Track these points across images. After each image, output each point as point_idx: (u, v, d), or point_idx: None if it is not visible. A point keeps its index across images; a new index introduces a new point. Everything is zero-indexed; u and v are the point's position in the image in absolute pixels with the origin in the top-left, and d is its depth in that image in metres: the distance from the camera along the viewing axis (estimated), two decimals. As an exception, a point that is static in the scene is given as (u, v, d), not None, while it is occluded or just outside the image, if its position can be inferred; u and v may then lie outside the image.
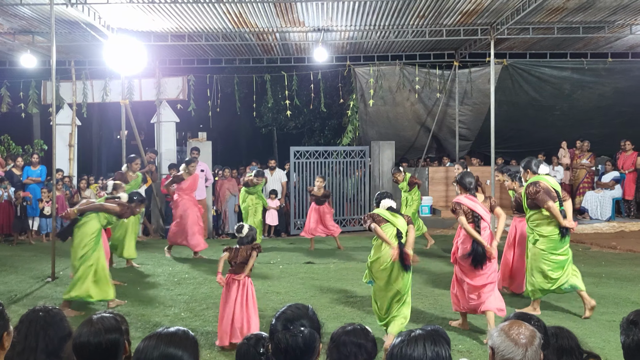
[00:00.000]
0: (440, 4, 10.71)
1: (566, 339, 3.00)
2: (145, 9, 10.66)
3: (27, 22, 11.46)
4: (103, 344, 2.47)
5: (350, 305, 7.28)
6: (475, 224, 6.14)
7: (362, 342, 2.64)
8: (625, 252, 10.69)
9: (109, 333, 2.49)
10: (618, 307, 7.02)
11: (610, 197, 13.68)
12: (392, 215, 5.91)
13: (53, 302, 7.35)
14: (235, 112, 16.33)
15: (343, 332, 2.69)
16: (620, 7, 10.86)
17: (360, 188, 14.46)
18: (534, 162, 7.01)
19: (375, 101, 15.22)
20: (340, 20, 11.79)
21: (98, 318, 2.56)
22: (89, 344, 2.46)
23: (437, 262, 9.94)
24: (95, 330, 2.48)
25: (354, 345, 2.62)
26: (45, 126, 17.84)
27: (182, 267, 9.76)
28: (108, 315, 2.60)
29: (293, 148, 14.13)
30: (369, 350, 2.65)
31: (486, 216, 6.21)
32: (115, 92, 14.56)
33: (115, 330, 2.51)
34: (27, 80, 14.88)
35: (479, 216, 6.16)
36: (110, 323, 2.53)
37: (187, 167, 10.73)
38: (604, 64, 14.88)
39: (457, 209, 6.23)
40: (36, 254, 10.88)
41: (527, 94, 15.61)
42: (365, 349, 2.63)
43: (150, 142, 15.81)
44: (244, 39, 13.03)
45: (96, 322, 2.53)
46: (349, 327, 2.72)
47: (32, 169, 13.06)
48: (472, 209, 6.17)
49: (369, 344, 2.66)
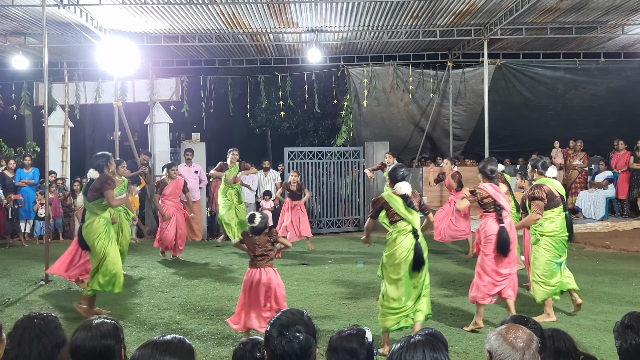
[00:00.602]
0: (433, 5, 10.71)
1: (563, 341, 3.00)
2: (137, 10, 10.61)
3: (18, 23, 11.40)
4: (97, 348, 2.46)
5: (346, 307, 7.26)
6: (498, 214, 6.17)
7: (356, 348, 2.63)
8: (618, 252, 10.73)
9: (105, 339, 2.48)
10: (613, 307, 7.04)
11: (603, 197, 13.74)
12: (407, 211, 5.66)
13: (47, 307, 7.32)
14: (229, 113, 16.31)
15: (339, 337, 2.68)
16: (612, 7, 10.91)
17: (354, 188, 14.46)
18: (541, 163, 6.87)
19: (369, 101, 15.22)
20: (333, 21, 11.78)
21: (98, 323, 2.55)
22: (83, 347, 2.46)
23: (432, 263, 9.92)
24: (92, 335, 2.48)
25: (348, 351, 2.61)
26: (37, 128, 17.76)
27: (177, 270, 9.72)
28: (108, 321, 2.58)
29: (287, 149, 14.11)
30: (364, 356, 2.63)
31: (507, 206, 6.25)
32: (108, 93, 14.50)
33: (112, 336, 2.50)
34: (19, 81, 14.80)
35: (501, 206, 6.18)
36: (107, 329, 2.51)
37: (167, 171, 10.57)
38: (597, 64, 14.95)
39: (478, 193, 6.25)
40: (29, 257, 10.81)
41: (521, 94, 15.66)
42: (359, 354, 2.62)
43: (144, 144, 15.77)
44: (237, 40, 13.00)
45: (95, 326, 2.52)
46: (345, 332, 2.70)
47: (24, 171, 12.97)
48: (494, 198, 6.19)
49: (363, 349, 2.64)
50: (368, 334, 2.71)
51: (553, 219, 6.65)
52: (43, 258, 9.02)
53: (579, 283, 8.18)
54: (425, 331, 2.53)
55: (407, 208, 5.68)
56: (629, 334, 2.69)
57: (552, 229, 6.65)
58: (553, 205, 6.67)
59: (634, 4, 10.72)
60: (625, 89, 15.29)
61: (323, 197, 14.29)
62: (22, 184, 12.78)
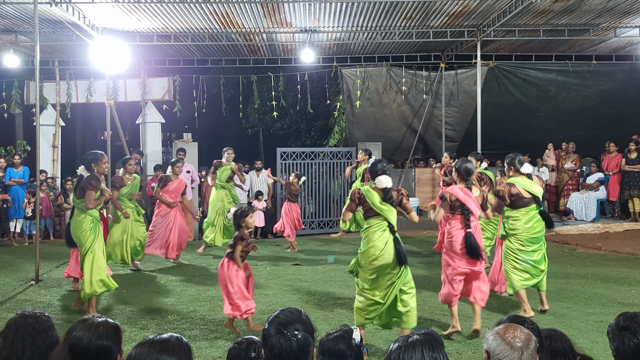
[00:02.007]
0: (427, 6, 10.73)
1: (560, 342, 3.00)
2: (130, 9, 10.56)
3: (9, 21, 11.31)
4: (93, 347, 2.43)
5: (339, 307, 7.25)
6: (465, 218, 6.01)
7: (344, 349, 2.60)
8: (610, 253, 10.77)
9: (102, 339, 2.44)
10: (605, 308, 7.06)
11: (594, 199, 13.81)
12: (382, 205, 5.53)
13: (38, 306, 7.25)
14: (221, 113, 16.25)
15: (327, 340, 2.67)
16: (605, 10, 10.97)
17: (346, 189, 14.44)
18: (518, 160, 6.89)
19: (362, 102, 15.23)
20: (327, 21, 11.77)
21: (100, 322, 2.52)
22: (80, 344, 2.43)
23: (423, 264, 9.94)
24: (90, 334, 2.45)
25: (335, 354, 2.60)
26: (28, 127, 17.61)
27: (168, 270, 9.67)
28: (109, 321, 2.55)
29: (279, 149, 14.09)
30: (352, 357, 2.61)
31: (476, 212, 6.07)
32: (100, 92, 14.42)
33: (111, 338, 2.46)
34: (9, 80, 14.69)
35: (469, 211, 6.02)
36: (107, 329, 2.48)
37: (172, 168, 10.32)
38: (589, 66, 15.03)
39: (446, 198, 6.07)
40: (19, 256, 10.72)
41: (513, 95, 15.71)
42: (347, 356, 2.60)
43: (135, 143, 15.69)
44: (230, 40, 12.97)
45: (96, 325, 2.49)
46: (334, 334, 2.68)
47: (14, 170, 12.86)
48: (463, 202, 6.01)
49: (351, 351, 2.62)
50: (356, 334, 2.67)
51: (519, 218, 6.72)
52: (33, 258, 8.94)
53: (571, 284, 8.26)
54: (422, 331, 2.51)
55: (382, 202, 5.55)
56: (626, 335, 2.68)
57: (516, 227, 6.72)
58: (520, 206, 6.72)
59: (625, 6, 10.79)
60: (616, 91, 15.37)
61: (315, 197, 14.27)
62: (12, 183, 12.67)
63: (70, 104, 14.69)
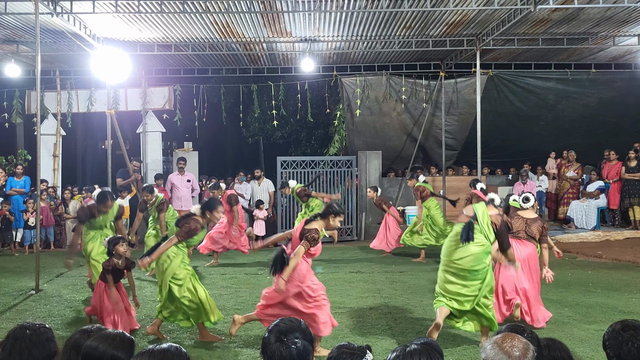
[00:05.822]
0: (426, 15, 10.77)
1: (558, 351, 2.99)
2: (131, 19, 10.61)
3: (11, 31, 11.37)
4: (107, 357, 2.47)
5: (339, 317, 7.21)
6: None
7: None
8: (610, 261, 10.77)
9: (117, 350, 2.49)
10: (606, 316, 7.04)
11: (595, 207, 13.81)
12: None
13: (38, 316, 7.24)
14: (222, 122, 16.29)
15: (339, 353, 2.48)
16: (603, 19, 11.01)
17: (347, 198, 14.46)
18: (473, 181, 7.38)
19: (362, 111, 15.26)
20: (327, 31, 11.81)
21: (117, 333, 2.58)
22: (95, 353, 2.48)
23: (424, 273, 9.92)
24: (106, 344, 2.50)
25: None
26: (29, 136, 17.64)
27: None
28: (126, 335, 2.60)
29: (280, 158, 14.11)
30: None
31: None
32: (101, 102, 14.46)
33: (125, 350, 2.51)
34: (10, 89, 14.73)
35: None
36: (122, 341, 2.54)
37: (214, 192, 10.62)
38: (588, 74, 15.05)
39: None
40: (19, 266, 10.72)
41: (513, 104, 15.74)
42: None
43: (136, 152, 15.71)
44: (230, 49, 13.02)
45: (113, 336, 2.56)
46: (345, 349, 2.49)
47: (15, 179, 12.88)
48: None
49: None
50: (369, 356, 2.48)
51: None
52: (33, 267, 8.94)
53: (571, 293, 8.26)
54: (420, 340, 2.52)
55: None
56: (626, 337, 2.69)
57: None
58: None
59: (624, 15, 10.83)
60: (616, 99, 15.39)
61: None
62: (13, 192, 12.68)
63: (71, 113, 14.73)
